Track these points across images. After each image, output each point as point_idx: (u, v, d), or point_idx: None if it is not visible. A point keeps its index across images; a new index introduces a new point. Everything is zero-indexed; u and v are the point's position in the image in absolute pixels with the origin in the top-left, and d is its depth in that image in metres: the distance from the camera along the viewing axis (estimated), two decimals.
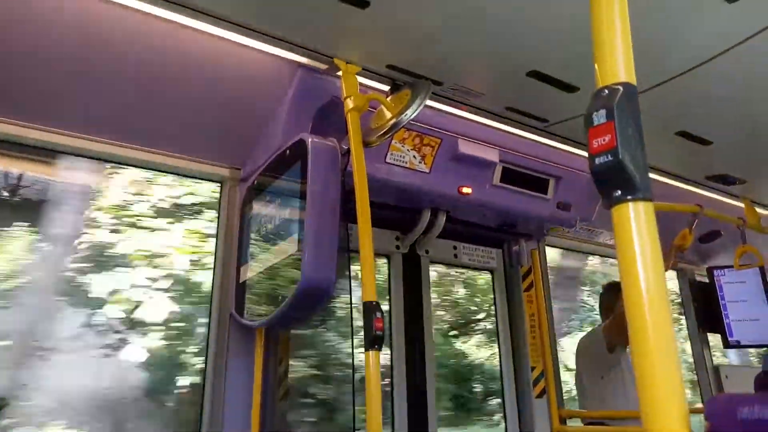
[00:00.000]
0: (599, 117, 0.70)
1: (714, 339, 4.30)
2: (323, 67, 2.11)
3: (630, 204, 0.69)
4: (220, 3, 1.76)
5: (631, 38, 0.77)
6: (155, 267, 4.15)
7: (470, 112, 2.49)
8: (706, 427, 0.68)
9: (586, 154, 0.75)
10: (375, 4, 1.72)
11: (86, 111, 2.10)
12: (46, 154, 2.44)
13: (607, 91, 0.71)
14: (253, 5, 1.78)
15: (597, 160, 0.70)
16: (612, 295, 3.40)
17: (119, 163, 2.31)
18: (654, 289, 0.66)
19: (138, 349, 4.04)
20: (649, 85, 2.15)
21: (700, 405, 3.71)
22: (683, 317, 4.38)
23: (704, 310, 4.20)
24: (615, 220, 0.70)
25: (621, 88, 0.70)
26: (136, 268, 4.08)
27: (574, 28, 1.79)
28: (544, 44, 1.96)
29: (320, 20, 1.83)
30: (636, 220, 0.68)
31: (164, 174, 2.43)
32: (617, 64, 0.72)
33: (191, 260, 4.21)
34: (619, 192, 0.69)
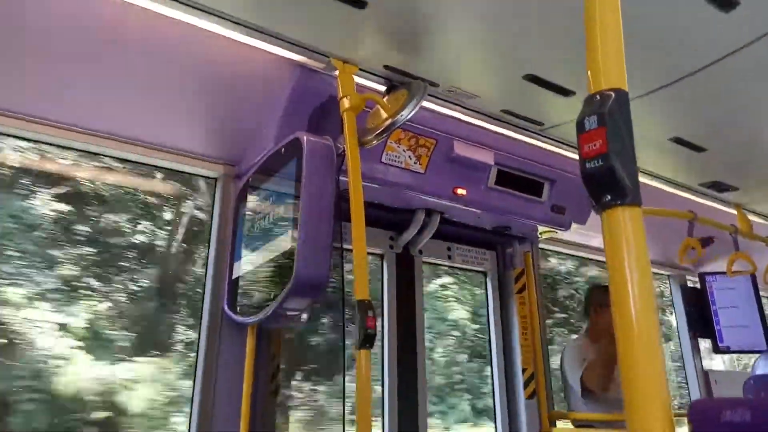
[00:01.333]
0: (591, 123, 0.71)
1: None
2: (320, 66, 2.11)
3: (620, 209, 0.70)
4: (218, 0, 1.76)
5: (627, 45, 0.78)
6: None
7: (466, 114, 2.50)
8: (689, 429, 0.69)
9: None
10: (373, 5, 1.73)
11: (80, 106, 2.09)
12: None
13: (598, 97, 0.72)
14: (251, 3, 1.78)
15: (588, 165, 0.71)
16: (591, 299, 3.33)
17: (113, 158, 2.30)
18: (641, 294, 0.66)
19: None
20: (645, 91, 2.16)
21: None
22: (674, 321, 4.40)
23: (695, 315, 4.23)
24: (604, 225, 0.71)
25: (613, 94, 0.71)
26: None
27: (571, 32, 1.79)
28: (541, 48, 1.97)
29: (318, 19, 1.84)
30: (625, 225, 0.69)
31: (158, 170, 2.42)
32: (609, 71, 0.73)
33: None
34: (609, 197, 0.70)
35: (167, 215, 3.01)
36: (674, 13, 1.71)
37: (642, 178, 3.02)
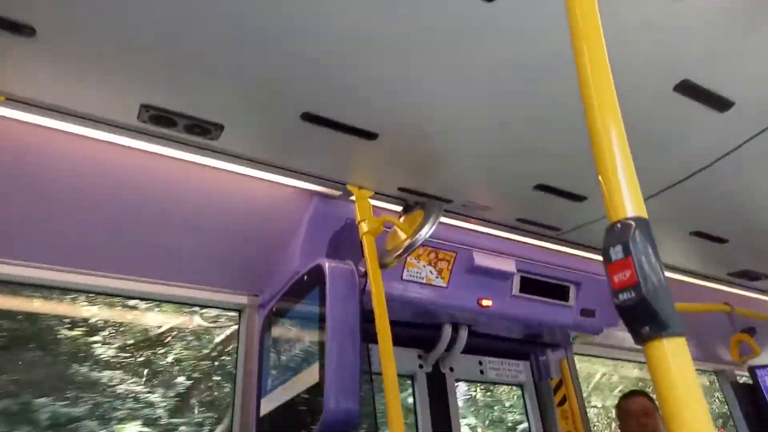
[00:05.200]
0: (616, 253, 0.71)
1: None
2: (337, 193, 2.19)
3: (661, 341, 0.68)
4: (237, 143, 1.87)
5: (635, 148, 0.80)
6: None
7: (482, 225, 2.53)
8: None
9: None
10: (383, 135, 1.82)
11: (103, 249, 2.15)
12: None
13: (620, 226, 0.73)
14: (269, 144, 1.90)
15: (620, 296, 0.70)
16: (618, 405, 3.14)
17: (139, 299, 2.34)
18: (697, 421, 0.63)
19: None
20: (657, 189, 2.19)
21: None
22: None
23: (754, 414, 3.92)
24: (648, 357, 0.68)
25: (633, 223, 0.72)
26: None
27: (576, 142, 1.86)
28: (548, 160, 2.04)
29: (333, 153, 1.94)
30: (670, 357, 0.66)
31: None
32: (624, 201, 0.74)
33: None
34: (648, 328, 0.68)
35: None
36: (674, 118, 1.78)
37: (671, 274, 2.96)
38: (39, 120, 1.67)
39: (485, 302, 2.62)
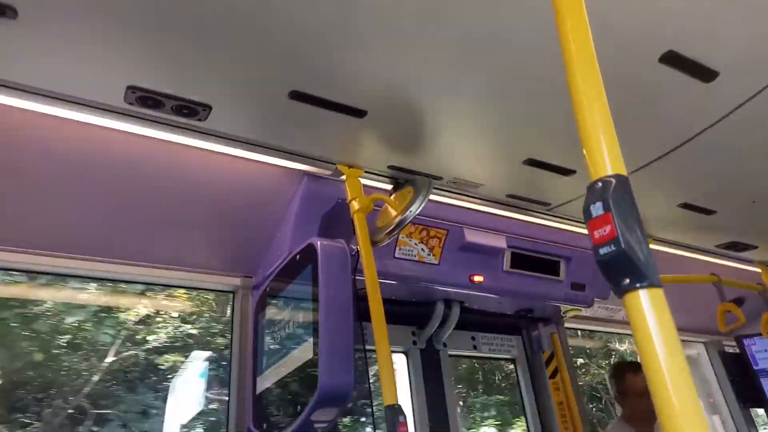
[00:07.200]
0: (596, 209, 0.73)
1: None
2: (327, 173, 2.19)
3: (640, 292, 0.70)
4: (226, 123, 1.86)
5: (620, 121, 0.81)
6: None
7: (472, 202, 2.55)
8: None
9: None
10: (372, 113, 1.83)
11: (93, 234, 2.14)
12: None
13: (600, 184, 0.75)
14: (258, 123, 1.89)
15: (601, 251, 0.72)
16: (622, 376, 3.21)
17: (131, 282, 2.34)
18: (677, 374, 0.65)
19: None
20: (644, 162, 2.21)
21: None
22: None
23: (741, 383, 4.00)
24: (627, 308, 0.70)
25: (613, 180, 0.74)
26: None
27: (564, 115, 1.87)
28: (536, 134, 2.05)
29: (322, 132, 1.94)
30: (648, 307, 0.68)
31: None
32: (605, 159, 0.76)
33: None
34: (628, 280, 0.70)
35: None
36: (661, 90, 1.79)
37: (659, 246, 3.00)
38: (23, 104, 1.65)
39: (477, 278, 2.65)
